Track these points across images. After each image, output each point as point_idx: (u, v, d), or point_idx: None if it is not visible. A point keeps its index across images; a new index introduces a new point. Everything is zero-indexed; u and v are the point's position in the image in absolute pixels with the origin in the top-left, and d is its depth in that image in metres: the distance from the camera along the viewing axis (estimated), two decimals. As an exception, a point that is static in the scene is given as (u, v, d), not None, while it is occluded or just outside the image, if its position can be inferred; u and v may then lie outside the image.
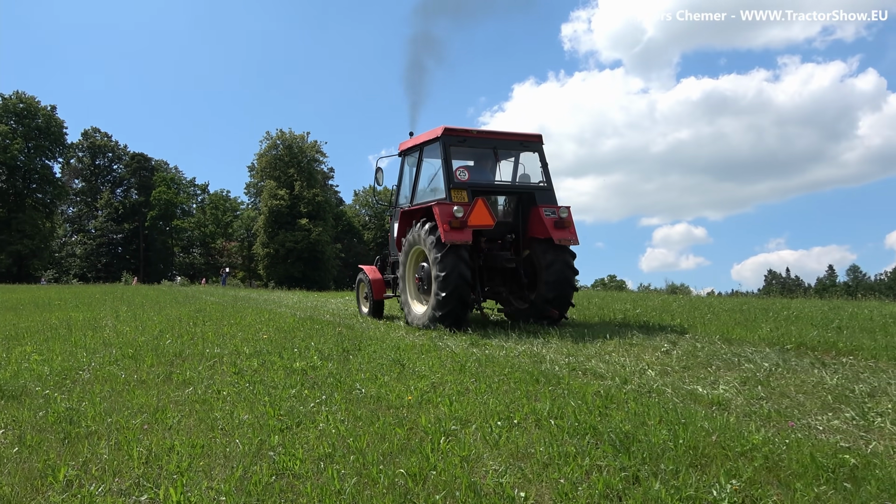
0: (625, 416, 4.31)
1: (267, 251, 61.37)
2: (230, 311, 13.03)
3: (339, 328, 9.19)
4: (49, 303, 17.13)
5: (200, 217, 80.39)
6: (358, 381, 5.40)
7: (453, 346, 7.43)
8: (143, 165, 77.27)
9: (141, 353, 7.01)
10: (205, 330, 9.17)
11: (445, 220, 9.52)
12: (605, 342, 7.81)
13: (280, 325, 9.82)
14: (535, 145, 10.77)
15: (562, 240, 9.99)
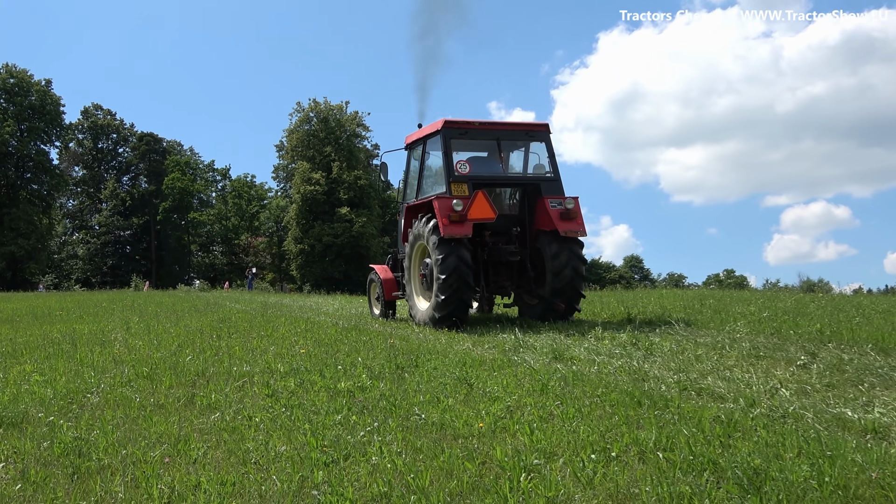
0: (753, 447, 4.22)
1: (300, 247, 62.39)
2: (259, 320, 13.33)
3: (391, 340, 9.29)
4: (49, 313, 17.86)
5: (221, 208, 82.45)
6: (416, 405, 5.44)
7: (532, 360, 7.41)
8: (153, 148, 79.79)
9: (157, 372, 7.24)
10: (230, 344, 9.41)
11: (445, 214, 11.10)
12: (724, 354, 7.65)
13: (319, 336, 9.98)
14: (541, 135, 12.31)
15: (568, 231, 11.38)
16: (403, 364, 7.25)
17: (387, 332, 10.49)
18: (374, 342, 9.13)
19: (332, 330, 10.90)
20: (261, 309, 17.69)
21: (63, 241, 78.88)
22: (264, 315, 14.96)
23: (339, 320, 13.48)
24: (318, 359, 7.76)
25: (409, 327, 11.50)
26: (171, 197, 75.94)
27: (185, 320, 13.89)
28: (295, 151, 66.72)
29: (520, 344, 8.71)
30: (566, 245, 11.55)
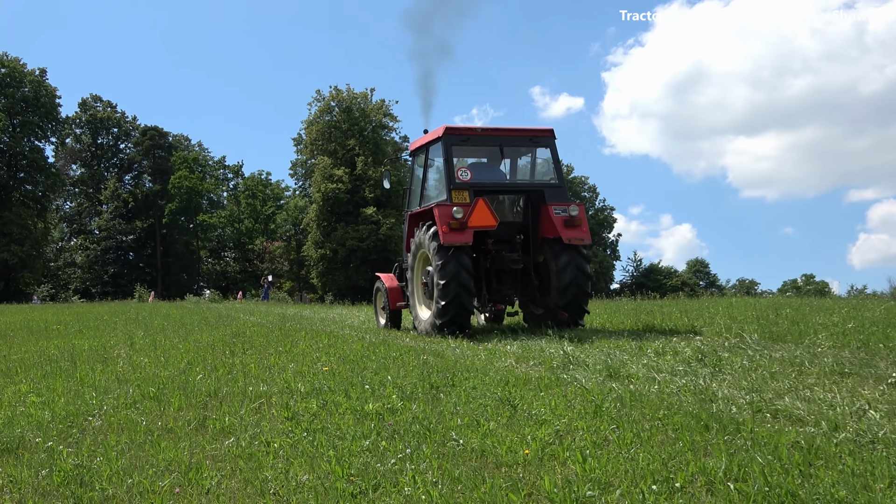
0: (837, 476, 4.17)
1: (321, 253, 62.74)
2: (277, 334, 13.44)
3: (424, 356, 9.31)
4: (45, 327, 18.17)
5: (233, 209, 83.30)
6: (453, 429, 5.45)
7: (583, 379, 7.39)
8: (158, 143, 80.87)
9: (165, 392, 7.34)
10: (245, 361, 9.50)
11: (444, 222, 12.31)
12: (804, 371, 7.56)
13: (344, 352, 10.04)
14: (546, 140, 13.53)
15: (572, 239, 12.50)
16: (438, 383, 7.26)
17: (419, 348, 10.51)
18: (405, 358, 9.16)
19: (357, 345, 10.96)
20: (278, 322, 17.82)
21: (60, 247, 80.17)
22: (282, 329, 15.07)
23: (366, 334, 13.55)
24: (342, 377, 7.81)
25: (443, 342, 11.53)
26: (177, 197, 76.78)
27: (194, 335, 14.05)
28: (314, 145, 67.11)
29: (569, 360, 8.68)
30: (571, 253, 12.63)
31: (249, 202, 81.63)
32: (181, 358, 10.08)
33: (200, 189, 78.12)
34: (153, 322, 18.78)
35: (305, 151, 70.99)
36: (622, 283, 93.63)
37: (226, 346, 11.37)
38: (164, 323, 18.17)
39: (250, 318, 19.78)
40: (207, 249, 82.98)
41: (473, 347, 10.60)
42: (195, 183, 76.92)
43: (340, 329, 15.06)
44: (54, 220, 78.29)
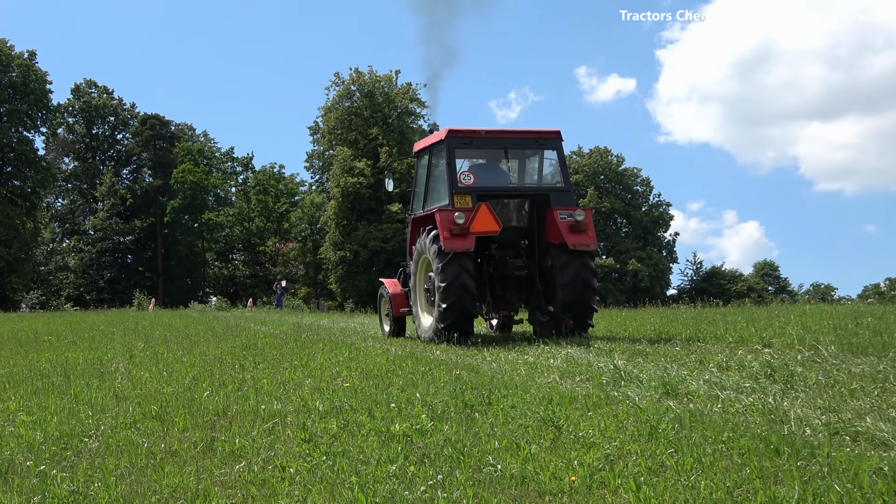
0: (928, 508, 4.11)
1: (341, 255, 62.88)
2: (292, 346, 13.51)
3: (456, 371, 9.31)
4: (36, 338, 18.38)
5: (243, 207, 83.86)
6: (490, 453, 5.44)
7: (636, 397, 7.36)
8: (159, 133, 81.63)
9: (168, 410, 7.39)
10: (257, 376, 9.55)
11: (446, 227, 13.44)
12: (887, 389, 7.47)
13: (367, 367, 10.07)
14: (552, 142, 14.66)
15: (577, 244, 13.58)
16: (473, 401, 7.26)
17: (451, 361, 10.53)
18: (435, 373, 9.17)
19: (382, 358, 10.99)
20: (293, 332, 17.90)
21: (51, 249, 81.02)
22: (298, 340, 15.14)
23: (391, 346, 13.59)
24: (365, 395, 7.83)
25: (478, 355, 11.53)
26: (181, 194, 77.31)
27: (200, 346, 14.15)
28: (333, 134, 67.27)
29: (620, 375, 8.64)
30: (576, 259, 13.72)
31: (260, 199, 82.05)
32: (186, 373, 10.15)
33: (206, 184, 78.52)
34: (154, 332, 18.92)
35: (323, 142, 71.09)
36: (680, 288, 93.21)
37: (235, 360, 11.44)
38: (167, 333, 18.32)
39: (262, 329, 19.88)
40: (214, 251, 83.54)
41: (512, 361, 10.59)
42: (200, 177, 77.28)
43: (363, 341, 15.11)
44: (45, 219, 79.05)
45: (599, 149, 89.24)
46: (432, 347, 13.12)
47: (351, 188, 62.31)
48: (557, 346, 12.05)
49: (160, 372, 10.38)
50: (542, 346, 12.11)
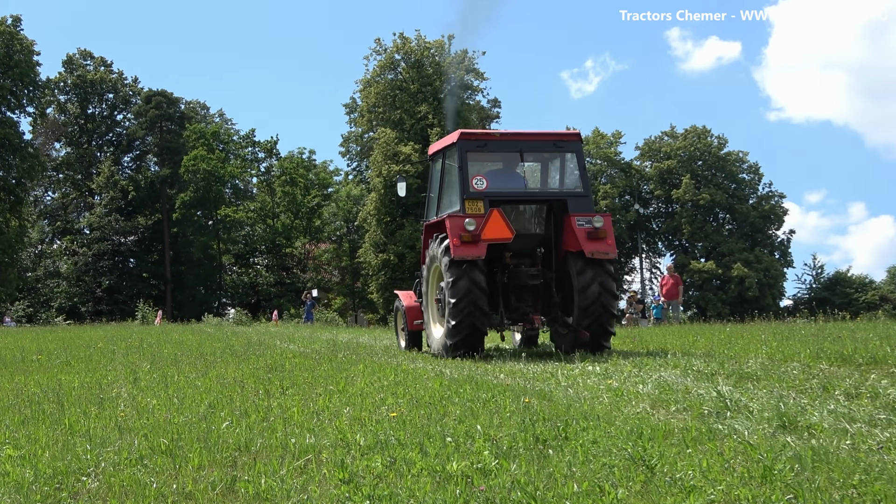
0: None
1: (383, 258, 62.93)
2: (326, 368, 13.56)
3: (525, 398, 9.29)
4: (23, 357, 18.62)
5: (266, 200, 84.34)
6: (568, 497, 5.42)
7: (745, 430, 7.28)
8: (167, 113, 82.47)
9: (181, 445, 7.45)
10: (286, 403, 9.61)
11: (456, 234, 15.03)
12: None
13: (417, 392, 10.10)
14: (571, 145, 16.57)
15: (595, 252, 15.23)
16: (545, 435, 7.24)
17: (518, 387, 10.50)
18: (499, 401, 9.15)
19: (435, 383, 10.99)
20: (328, 351, 17.97)
21: (39, 251, 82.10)
22: (333, 360, 15.20)
23: (446, 368, 13.58)
24: (416, 426, 7.84)
25: (551, 379, 11.50)
26: (192, 185, 77.78)
27: (217, 368, 14.25)
28: (373, 113, 67.42)
29: (725, 404, 8.57)
30: (594, 268, 15.31)
31: (287, 191, 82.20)
32: (200, 399, 10.23)
33: (222, 174, 78.92)
34: (162, 351, 19.09)
35: (361, 122, 71.28)
36: (797, 298, 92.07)
37: (259, 384, 11.51)
38: (177, 352, 18.46)
39: (290, 347, 19.97)
40: (232, 254, 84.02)
41: (593, 387, 10.55)
42: (215, 166, 77.71)
43: (411, 362, 15.11)
44: (32, 215, 79.98)
45: (696, 128, 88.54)
46: (495, 370, 13.10)
47: (396, 178, 62.30)
48: (647, 370, 11.98)
49: (170, 398, 10.46)
50: (628, 369, 12.06)
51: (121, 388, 11.91)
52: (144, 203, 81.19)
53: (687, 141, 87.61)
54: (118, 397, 10.88)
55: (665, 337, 19.67)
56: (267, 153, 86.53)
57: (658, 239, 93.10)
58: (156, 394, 11.01)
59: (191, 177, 77.11)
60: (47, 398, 11.05)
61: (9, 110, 67.71)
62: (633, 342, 18.27)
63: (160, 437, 7.75)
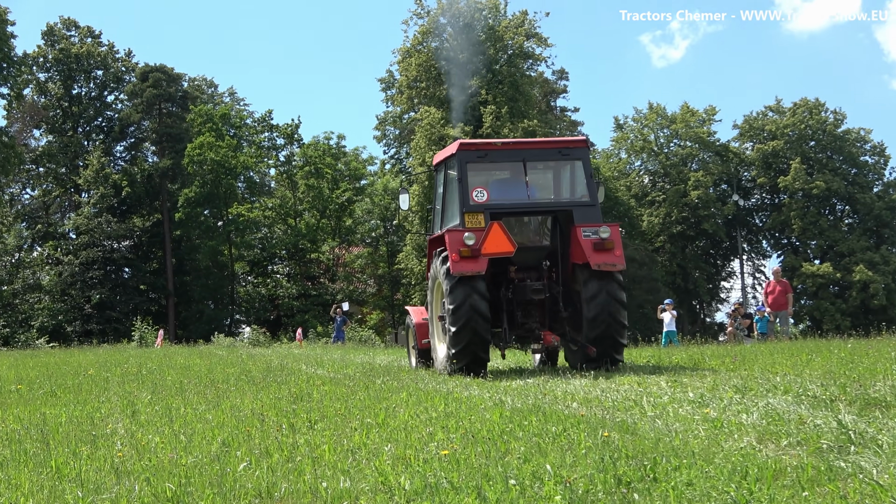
0: None
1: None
2: (363, 397, 13.59)
3: (604, 431, 9.27)
4: (0, 388, 18.79)
5: (286, 195, 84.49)
6: (659, 552, 5.41)
7: (873, 468, 7.23)
8: (166, 93, 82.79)
9: (190, 490, 7.50)
10: (314, 440, 9.64)
11: (455, 249, 17.12)
12: None
13: (472, 425, 10.10)
14: (578, 152, 18.81)
15: (602, 265, 17.19)
16: (629, 476, 7.22)
17: (595, 418, 10.47)
18: (572, 435, 9.14)
19: (493, 413, 10.99)
20: (363, 376, 18.03)
21: (16, 260, 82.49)
22: (370, 387, 15.24)
23: (507, 395, 13.58)
24: (471, 466, 7.84)
25: (634, 408, 11.48)
26: (198, 179, 77.79)
27: (231, 398, 14.33)
28: (414, 89, 67.45)
29: (849, 437, 8.51)
30: (602, 282, 17.32)
31: (311, 184, 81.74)
32: (212, 436, 10.29)
33: (234, 165, 78.60)
34: (165, 378, 19.21)
35: (400, 100, 71.23)
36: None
37: (282, 417, 11.56)
38: (183, 380, 18.59)
39: (318, 372, 20.06)
40: (246, 261, 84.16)
41: (686, 417, 10.50)
42: (225, 155, 77.43)
43: (464, 388, 15.11)
44: (7, 217, 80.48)
45: (807, 102, 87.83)
46: (566, 398, 13.07)
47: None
48: (752, 396, 11.93)
49: (176, 435, 10.53)
50: (729, 395, 12.01)
51: (117, 422, 12.00)
52: (141, 201, 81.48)
53: (796, 117, 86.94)
54: (114, 434, 10.96)
55: (772, 355, 19.55)
56: (287, 139, 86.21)
57: (762, 237, 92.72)
58: (158, 430, 11.09)
59: (196, 169, 77.04)
60: (30, 436, 11.14)
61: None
62: (733, 362, 18.19)
63: (165, 482, 7.80)
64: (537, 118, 64.88)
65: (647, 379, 15.52)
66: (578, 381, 15.57)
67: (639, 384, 14.44)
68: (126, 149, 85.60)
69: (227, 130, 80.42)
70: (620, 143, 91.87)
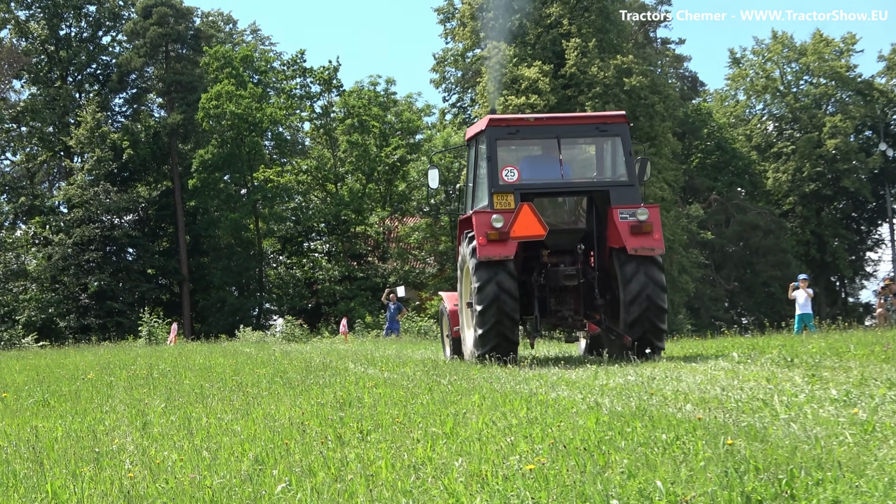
0: None
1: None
2: (425, 400, 13.62)
3: (726, 438, 9.24)
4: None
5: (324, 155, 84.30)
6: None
7: None
8: (174, 31, 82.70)
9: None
10: (368, 454, 9.69)
11: (482, 233, 19.54)
12: None
13: (563, 434, 10.10)
14: (616, 127, 21.20)
15: (639, 249, 19.55)
16: (761, 493, 7.21)
17: (714, 422, 10.42)
18: (687, 443, 9.11)
19: (588, 418, 10.99)
20: (425, 375, 18.05)
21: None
22: (434, 389, 15.26)
23: (605, 396, 13.56)
24: (563, 484, 7.84)
25: (763, 409, 11.44)
26: (215, 137, 77.80)
27: (263, 405, 14.42)
28: (480, 20, 67.32)
29: None
30: (641, 266, 19.75)
31: (355, 140, 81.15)
32: (242, 451, 10.36)
33: (259, 119, 78.17)
34: (181, 382, 19.34)
35: (462, 34, 71.26)
36: None
37: (326, 427, 11.62)
38: (203, 383, 18.69)
39: (369, 371, 20.13)
40: (277, 237, 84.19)
41: (828, 420, 10.43)
42: (248, 107, 77.11)
43: (550, 389, 15.11)
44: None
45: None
46: (677, 399, 13.02)
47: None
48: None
49: (197, 451, 10.60)
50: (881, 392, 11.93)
51: (125, 437, 12.10)
52: (147, 166, 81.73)
53: None
54: (122, 451, 11.04)
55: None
56: (324, 86, 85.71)
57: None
58: (176, 445, 11.18)
59: (213, 125, 76.97)
60: (19, 454, 11.25)
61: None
62: (885, 351, 18.05)
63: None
64: (632, 53, 64.79)
65: (777, 374, 15.49)
66: (692, 377, 15.53)
67: (768, 380, 14.40)
68: (127, 102, 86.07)
69: (249, 76, 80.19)
70: (738, 81, 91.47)
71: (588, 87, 62.21)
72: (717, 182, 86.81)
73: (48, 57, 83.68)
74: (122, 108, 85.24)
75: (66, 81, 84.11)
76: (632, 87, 61.80)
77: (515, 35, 64.80)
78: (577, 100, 62.00)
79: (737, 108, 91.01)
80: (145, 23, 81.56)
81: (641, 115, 62.95)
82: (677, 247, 65.77)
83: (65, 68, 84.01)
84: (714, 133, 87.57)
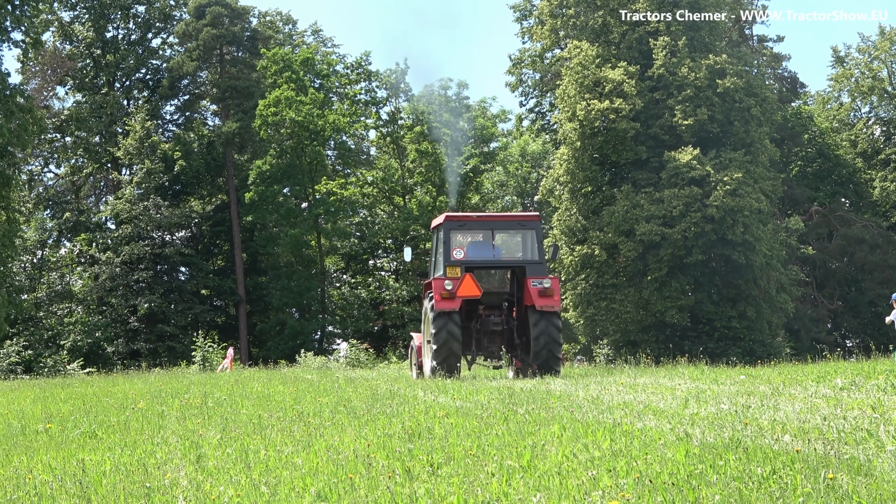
0: None
1: (583, 251, 62.65)
2: (500, 431, 13.60)
3: (828, 472, 9.22)
4: (23, 428, 19.06)
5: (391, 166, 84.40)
6: None
7: None
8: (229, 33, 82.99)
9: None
10: (439, 490, 9.66)
11: (438, 292, 31.68)
12: None
13: (649, 467, 10.09)
14: (532, 223, 34.92)
15: (544, 306, 31.67)
16: (864, 531, 7.17)
17: (814, 454, 10.38)
18: (784, 477, 9.08)
19: (677, 451, 10.97)
20: (500, 404, 18.04)
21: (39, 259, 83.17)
22: (511, 418, 15.26)
23: (695, 426, 13.52)
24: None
25: (868, 441, 11.38)
26: (273, 146, 77.88)
27: (326, 436, 14.43)
28: (560, 18, 67.17)
29: None
30: (544, 317, 31.30)
31: (424, 149, 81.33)
32: (303, 486, 10.39)
33: (321, 126, 78.20)
34: (238, 411, 19.41)
35: (541, 33, 71.04)
36: None
37: (394, 460, 11.64)
38: (261, 413, 18.75)
39: (439, 399, 20.12)
40: (340, 255, 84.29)
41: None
42: (309, 114, 77.34)
43: (636, 418, 15.08)
44: (26, 204, 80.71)
45: None
46: (774, 429, 12.97)
47: (599, 121, 61.97)
48: None
49: (255, 486, 10.65)
50: None
51: (178, 471, 12.15)
52: (200, 178, 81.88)
53: None
54: (174, 486, 11.11)
55: None
56: (391, 91, 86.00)
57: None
58: (232, 479, 11.23)
59: (271, 133, 77.21)
60: (65, 490, 11.32)
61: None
62: None
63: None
64: (726, 52, 64.31)
65: (884, 401, 15.38)
66: (791, 406, 15.45)
67: (873, 409, 14.30)
68: (178, 109, 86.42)
69: (310, 81, 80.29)
70: (841, 82, 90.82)
71: (678, 90, 61.71)
72: (818, 192, 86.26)
73: (94, 61, 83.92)
74: (174, 115, 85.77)
75: (114, 88, 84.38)
76: (725, 89, 61.30)
77: (598, 33, 64.56)
78: (665, 103, 61.65)
79: (840, 111, 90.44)
80: (198, 24, 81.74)
81: (736, 120, 62.48)
82: (775, 263, 65.10)
83: (112, 73, 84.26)
84: (816, 139, 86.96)
